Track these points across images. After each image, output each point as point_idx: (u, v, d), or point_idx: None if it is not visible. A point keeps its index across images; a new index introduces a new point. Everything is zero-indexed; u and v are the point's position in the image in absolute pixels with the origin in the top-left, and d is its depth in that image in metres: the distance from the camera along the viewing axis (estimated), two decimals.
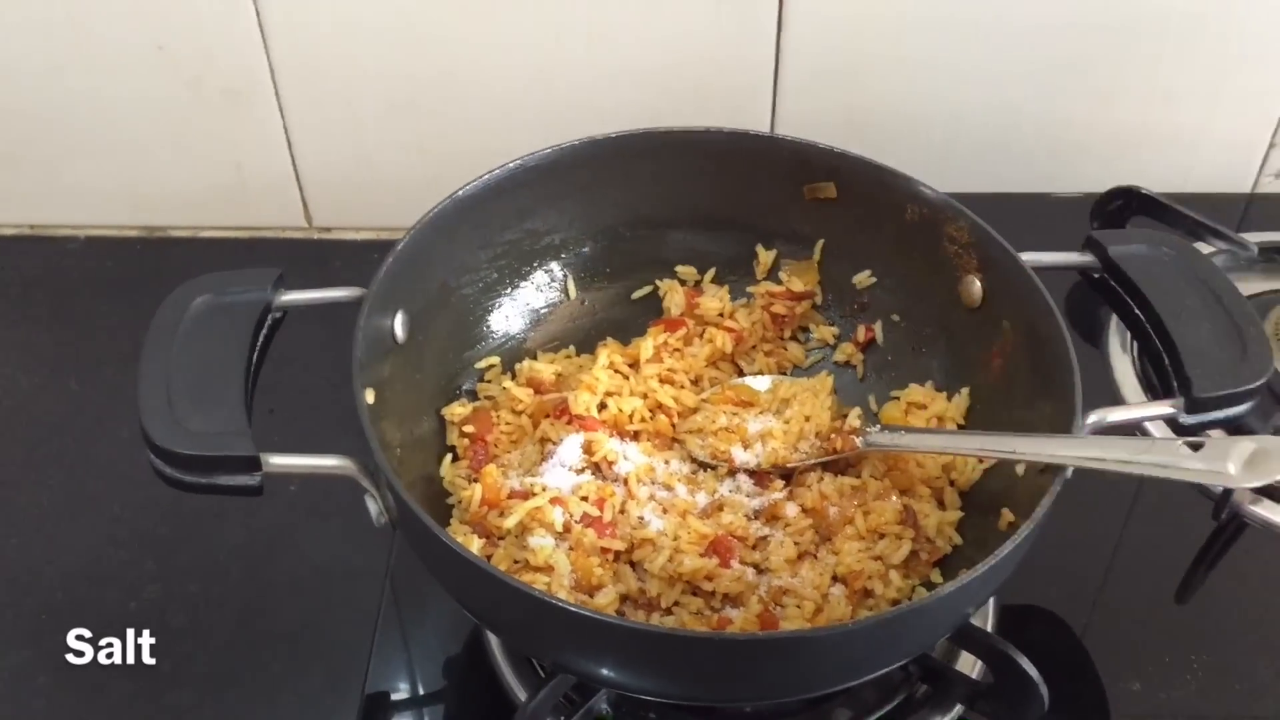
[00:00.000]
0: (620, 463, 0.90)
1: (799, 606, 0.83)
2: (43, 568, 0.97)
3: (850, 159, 0.95)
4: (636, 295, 1.03)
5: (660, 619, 0.83)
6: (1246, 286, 1.12)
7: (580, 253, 1.01)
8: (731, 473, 0.92)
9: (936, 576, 0.87)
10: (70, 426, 1.08)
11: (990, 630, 0.91)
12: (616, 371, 0.96)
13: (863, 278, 1.00)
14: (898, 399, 0.96)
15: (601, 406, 0.93)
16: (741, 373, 1.00)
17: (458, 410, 0.94)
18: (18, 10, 1.13)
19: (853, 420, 0.92)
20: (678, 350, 0.99)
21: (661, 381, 0.96)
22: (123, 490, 1.01)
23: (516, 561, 0.84)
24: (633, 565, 0.86)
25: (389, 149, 1.23)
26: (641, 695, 0.84)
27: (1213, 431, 0.86)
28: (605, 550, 0.84)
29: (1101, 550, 1.00)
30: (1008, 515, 0.84)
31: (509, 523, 0.84)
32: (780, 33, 1.15)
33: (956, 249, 0.92)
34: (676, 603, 0.84)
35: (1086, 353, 1.10)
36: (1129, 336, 1.10)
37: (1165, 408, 0.82)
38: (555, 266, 1.01)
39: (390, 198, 1.13)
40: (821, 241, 1.00)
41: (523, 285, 1.00)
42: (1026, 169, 1.24)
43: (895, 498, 0.89)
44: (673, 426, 0.95)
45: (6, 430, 1.09)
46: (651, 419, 0.94)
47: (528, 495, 0.86)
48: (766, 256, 1.02)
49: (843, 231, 0.99)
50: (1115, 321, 1.11)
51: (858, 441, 0.90)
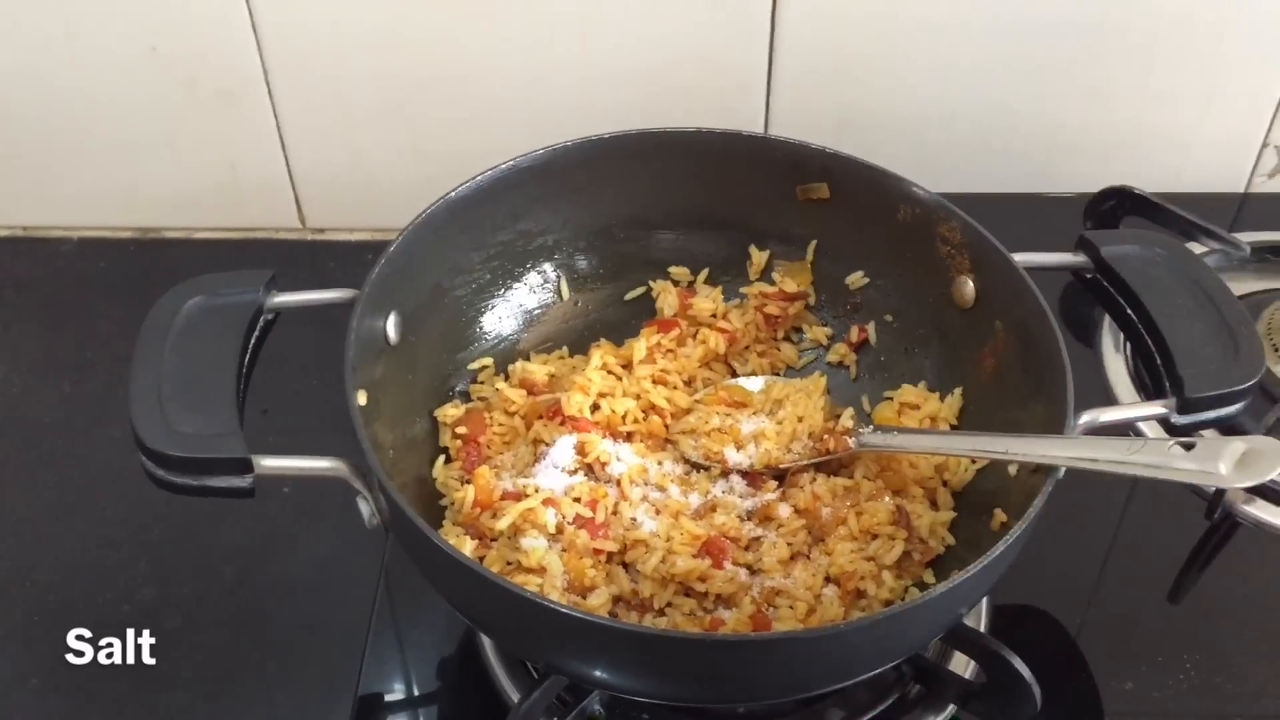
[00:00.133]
0: (613, 464, 0.90)
1: (792, 607, 0.83)
2: (36, 569, 0.97)
3: (843, 159, 0.95)
4: (629, 296, 1.03)
5: (653, 620, 0.83)
6: (1239, 286, 1.12)
7: (573, 254, 1.01)
8: (724, 474, 0.92)
9: (929, 577, 0.87)
10: (64, 428, 1.08)
11: (983, 630, 0.91)
12: (609, 372, 0.96)
13: (856, 278, 1.00)
14: (891, 399, 0.96)
15: (594, 407, 0.93)
16: (735, 373, 1.00)
17: (450, 411, 0.94)
18: (10, 12, 1.13)
19: (845, 421, 0.92)
20: (671, 351, 0.99)
21: (654, 382, 0.96)
22: (116, 492, 1.01)
23: (509, 563, 0.84)
24: (625, 566, 0.86)
25: (383, 150, 1.22)
26: (634, 696, 0.84)
27: (1205, 431, 0.86)
28: (598, 551, 0.84)
29: (1095, 550, 1.00)
30: (1000, 515, 0.84)
31: (501, 524, 0.84)
32: (774, 33, 1.15)
33: (949, 249, 0.92)
34: (669, 604, 0.84)
35: (1080, 353, 1.10)
36: (1122, 337, 1.10)
37: (1157, 408, 0.82)
38: (548, 267, 1.01)
39: (384, 199, 1.14)
40: (814, 242, 1.00)
41: (516, 286, 1.00)
42: (1020, 169, 1.24)
43: (888, 498, 0.89)
44: (666, 427, 0.95)
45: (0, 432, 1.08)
46: (644, 420, 0.94)
47: (520, 496, 0.86)
48: (760, 257, 1.02)
49: (836, 232, 0.99)
50: (1108, 321, 1.11)
51: (850, 442, 0.90)
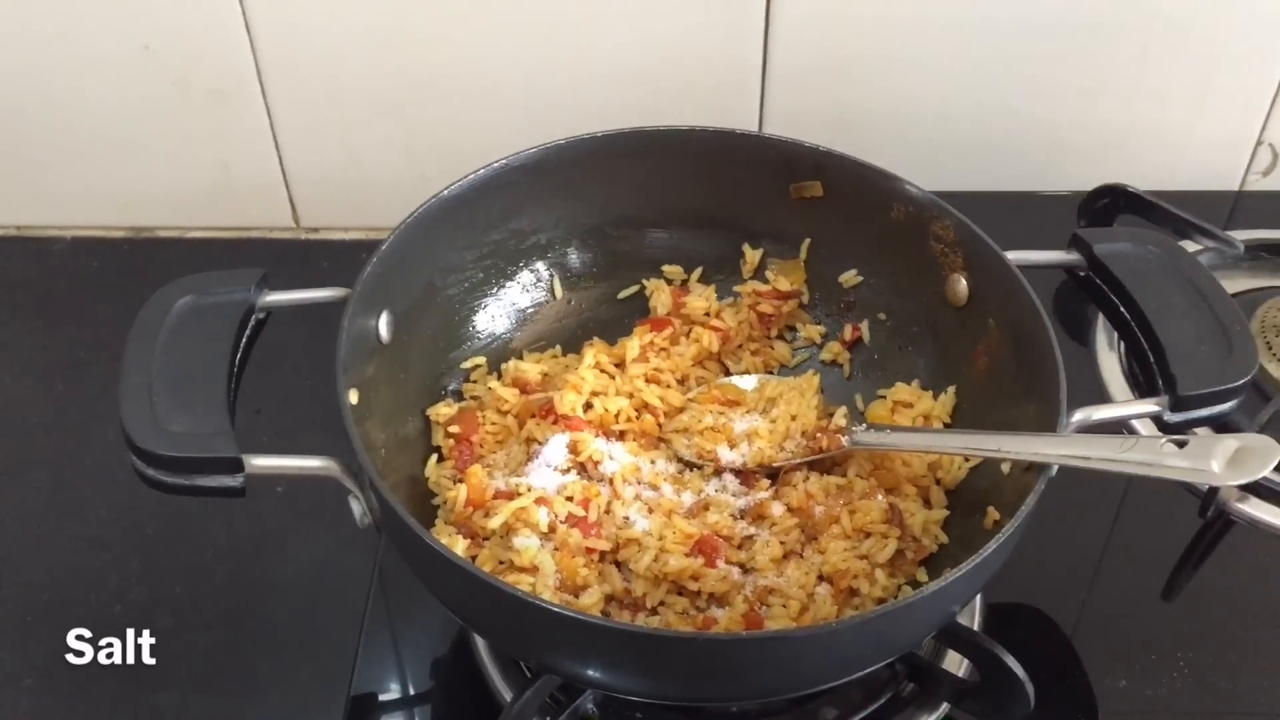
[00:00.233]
0: (606, 462, 0.90)
1: (784, 606, 0.83)
2: (29, 569, 0.97)
3: (836, 157, 0.95)
4: (623, 295, 1.02)
5: (645, 619, 0.83)
6: (1233, 284, 1.12)
7: (566, 252, 1.01)
8: (717, 472, 0.92)
9: (922, 575, 0.87)
10: (56, 427, 1.08)
11: (977, 629, 0.91)
12: (602, 371, 0.96)
13: (849, 276, 1.00)
14: (884, 398, 0.96)
15: (587, 406, 0.93)
16: (728, 372, 1.00)
17: (443, 410, 0.94)
18: (2, 11, 1.12)
19: (838, 419, 0.92)
20: (664, 350, 0.99)
21: (648, 381, 0.96)
22: (109, 491, 1.01)
23: (501, 562, 0.84)
24: (618, 565, 0.86)
25: (376, 149, 1.22)
26: (627, 695, 0.84)
27: (1198, 429, 0.86)
28: (590, 550, 0.84)
29: (1089, 548, 1.00)
30: (993, 514, 0.84)
31: (494, 523, 0.84)
32: (768, 31, 1.15)
33: (942, 247, 0.92)
34: (662, 602, 0.84)
35: (1074, 351, 1.10)
36: (1116, 335, 1.10)
37: (1150, 406, 0.82)
38: (541, 266, 1.00)
39: (378, 198, 1.13)
40: (808, 240, 1.00)
41: (509, 285, 0.99)
42: (1014, 168, 1.24)
43: (881, 497, 0.89)
44: (659, 426, 0.95)
45: None
46: (637, 419, 0.94)
47: (513, 495, 0.86)
48: (753, 255, 1.02)
49: (829, 230, 0.99)
50: (1102, 320, 1.11)
51: (843, 440, 0.90)
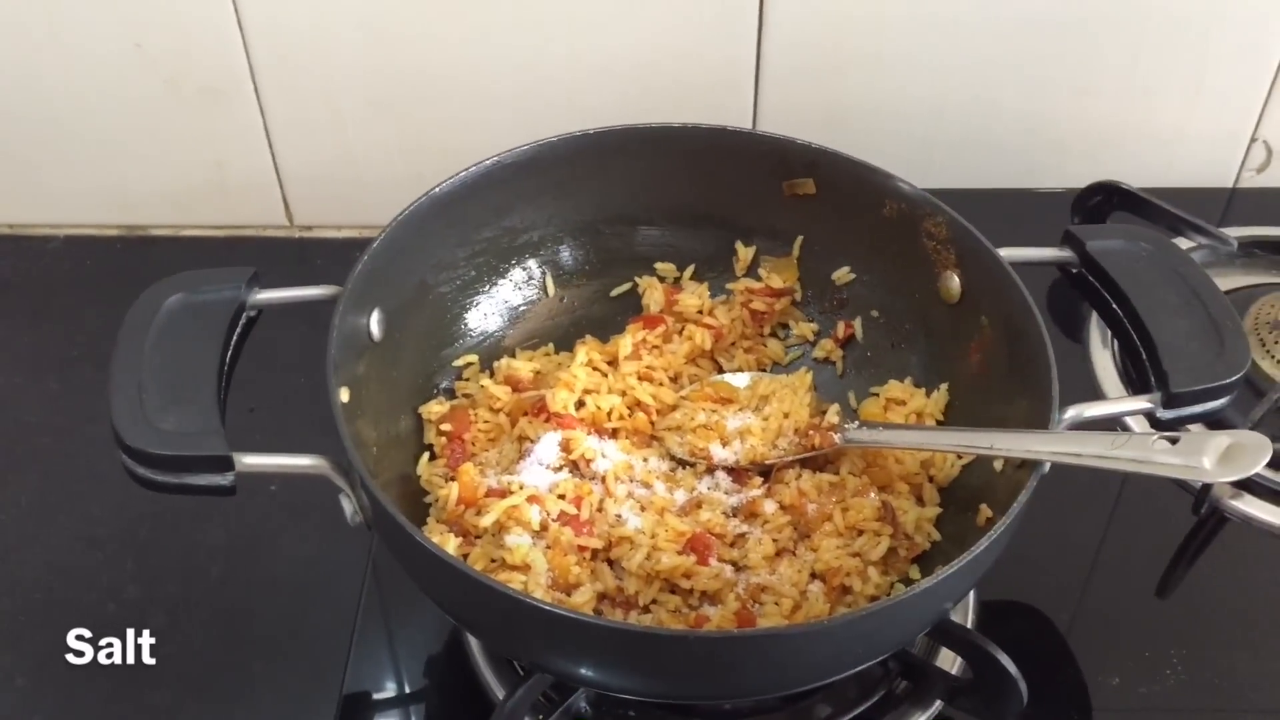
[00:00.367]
0: (598, 460, 0.90)
1: (777, 604, 0.83)
2: (22, 568, 0.97)
3: (829, 155, 0.95)
4: (615, 292, 1.02)
5: (638, 617, 0.83)
6: (1227, 281, 1.12)
7: (559, 250, 1.01)
8: (710, 470, 0.91)
9: (915, 573, 0.86)
10: (49, 426, 1.08)
11: (971, 626, 0.91)
12: (595, 369, 0.96)
13: (842, 274, 0.99)
14: (877, 395, 0.96)
15: (580, 404, 0.93)
16: (721, 370, 1.00)
17: (435, 409, 0.93)
18: None
19: (831, 417, 0.92)
20: (657, 347, 0.99)
21: (640, 379, 0.96)
22: (102, 490, 1.01)
23: (493, 560, 0.84)
24: (610, 563, 0.85)
25: (370, 147, 1.22)
26: (620, 694, 0.84)
27: (1191, 426, 0.86)
28: (582, 548, 0.84)
29: (1083, 545, 1.00)
30: (986, 511, 0.84)
31: (486, 521, 0.84)
32: (761, 29, 1.15)
33: (935, 244, 0.92)
34: (654, 601, 0.84)
35: (1068, 348, 1.10)
36: (1109, 332, 1.09)
37: (1142, 403, 0.82)
38: (533, 264, 1.00)
39: (371, 196, 1.13)
40: (801, 238, 1.00)
41: (501, 283, 0.99)
42: (1008, 165, 1.24)
43: (874, 494, 0.89)
44: (651, 424, 0.94)
45: None
46: (630, 416, 0.94)
47: (505, 494, 0.86)
48: (746, 253, 1.01)
49: (822, 227, 0.99)
50: (1096, 317, 1.11)
51: (836, 438, 0.90)
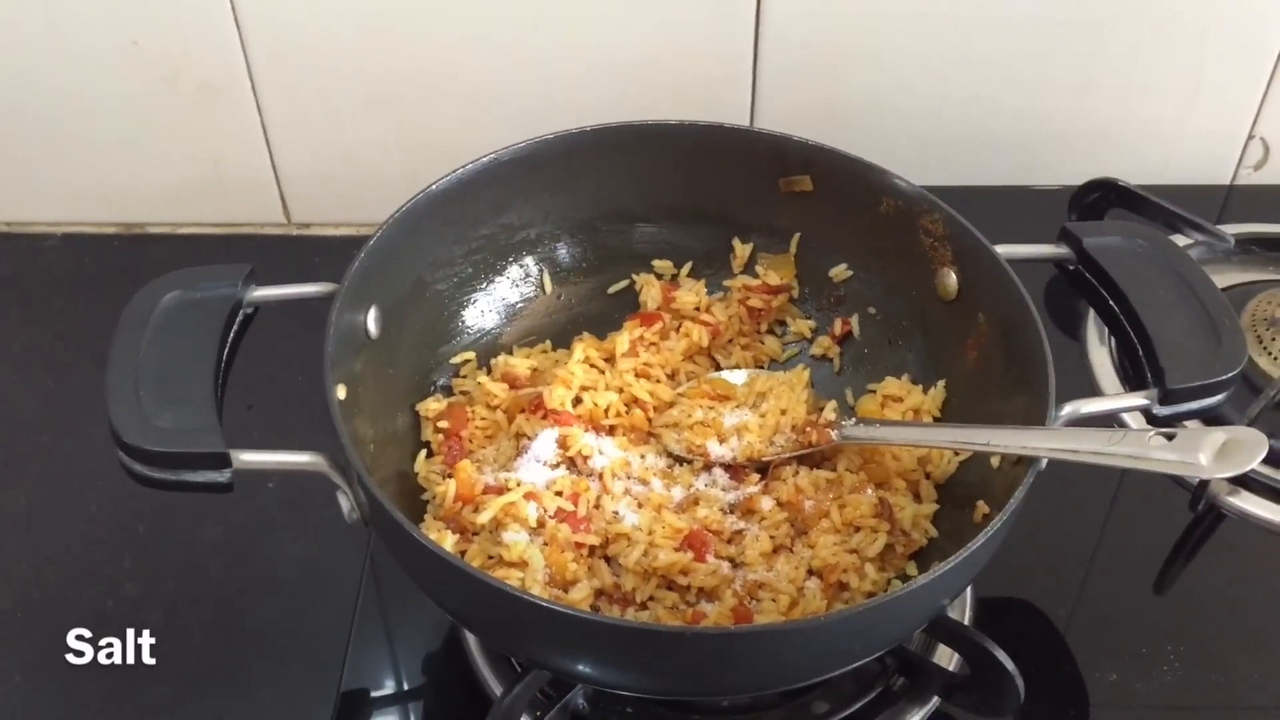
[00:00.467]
0: (595, 457, 0.90)
1: (774, 600, 0.83)
2: (19, 566, 0.97)
3: (826, 152, 0.95)
4: (613, 290, 1.02)
5: (635, 614, 0.83)
6: (1224, 278, 1.12)
7: (556, 247, 1.01)
8: (707, 467, 0.91)
9: (912, 569, 0.86)
10: (47, 424, 1.08)
11: (968, 623, 0.91)
12: (592, 366, 0.96)
13: (839, 271, 0.99)
14: (874, 392, 0.96)
15: (577, 401, 0.93)
16: (718, 367, 1.00)
17: (432, 406, 0.93)
18: None
19: (828, 414, 0.92)
20: (654, 344, 0.99)
21: (637, 376, 0.96)
22: (99, 488, 1.01)
23: (491, 557, 0.84)
24: (607, 560, 0.85)
25: (367, 145, 1.22)
26: (617, 690, 0.84)
27: (1187, 422, 0.86)
28: (580, 545, 0.84)
29: (1080, 542, 1.00)
30: (983, 507, 0.84)
31: (483, 518, 0.84)
32: (759, 26, 1.15)
33: (932, 241, 0.92)
34: (651, 597, 0.84)
35: (1065, 345, 1.10)
36: (1107, 329, 1.09)
37: (1139, 399, 0.82)
38: (530, 261, 1.00)
39: (369, 193, 1.13)
40: (798, 235, 1.00)
41: (498, 280, 0.99)
42: (1006, 162, 1.24)
43: (871, 491, 0.89)
44: (648, 421, 0.95)
45: None
46: (627, 413, 0.94)
47: (502, 490, 0.86)
48: (743, 250, 1.01)
49: (819, 225, 0.99)
50: (1094, 314, 1.11)
51: (833, 435, 0.90)
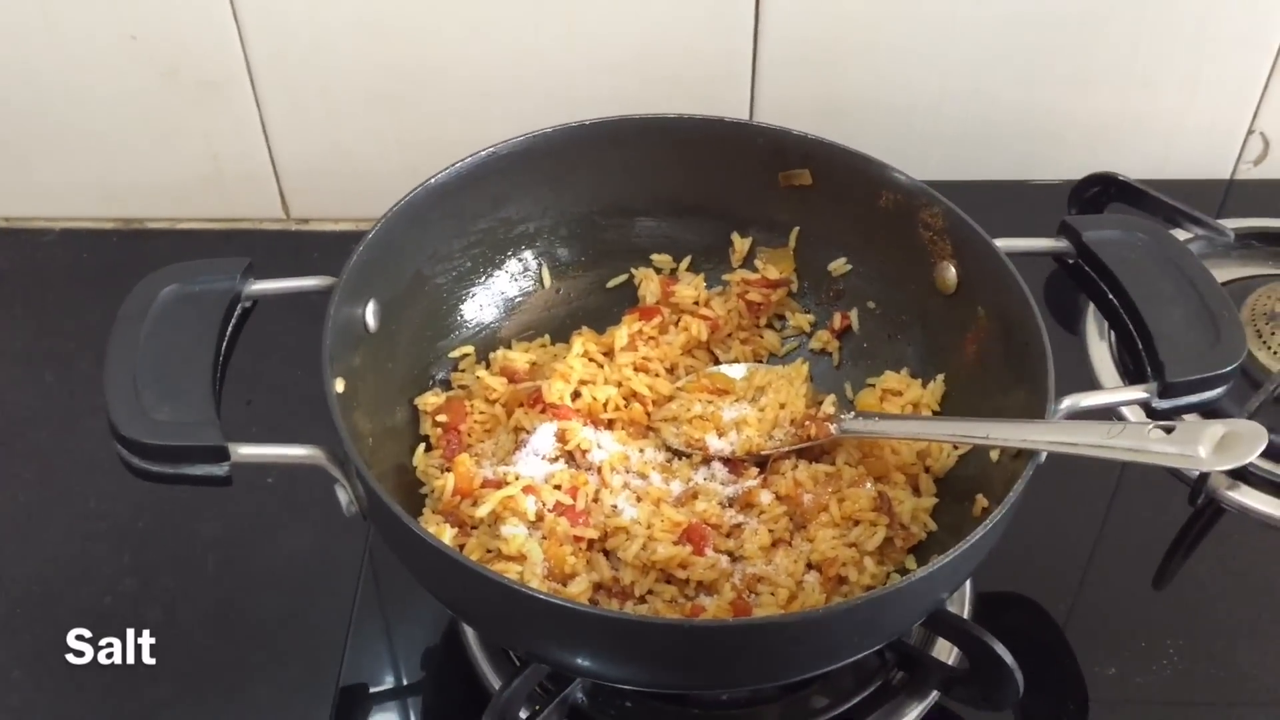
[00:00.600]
0: (594, 451, 0.90)
1: (773, 594, 0.83)
2: (17, 561, 0.97)
3: (824, 145, 0.95)
4: (611, 284, 1.02)
5: (634, 607, 0.83)
6: (1224, 273, 1.12)
7: (554, 241, 1.00)
8: (706, 461, 0.91)
9: (911, 563, 0.86)
10: (45, 420, 1.08)
11: (968, 617, 0.91)
12: (591, 360, 0.96)
13: (838, 265, 0.99)
14: (873, 386, 0.96)
15: (575, 395, 0.93)
16: (717, 361, 1.00)
17: (431, 400, 0.93)
18: None
19: (827, 407, 0.92)
20: (653, 338, 0.99)
21: (636, 370, 0.96)
22: (98, 483, 1.01)
23: (489, 551, 0.84)
24: (606, 554, 0.85)
25: (366, 140, 1.22)
26: (616, 684, 0.84)
27: (1186, 415, 0.86)
28: (578, 539, 0.84)
29: (1080, 537, 1.00)
30: (982, 501, 0.84)
31: (481, 512, 0.84)
32: (758, 21, 1.14)
33: (931, 235, 0.92)
34: (650, 591, 0.84)
35: (1065, 339, 1.10)
36: (1107, 324, 1.09)
37: (1138, 392, 0.82)
38: (529, 255, 1.00)
39: (368, 189, 1.12)
40: (797, 229, 1.00)
41: (497, 274, 0.99)
42: (1006, 157, 1.24)
43: (870, 484, 0.89)
44: (647, 415, 0.94)
45: None
46: (626, 407, 0.94)
47: (500, 484, 0.86)
48: (742, 244, 1.01)
49: (818, 219, 0.98)
50: (1094, 309, 1.11)
51: (832, 428, 0.90)
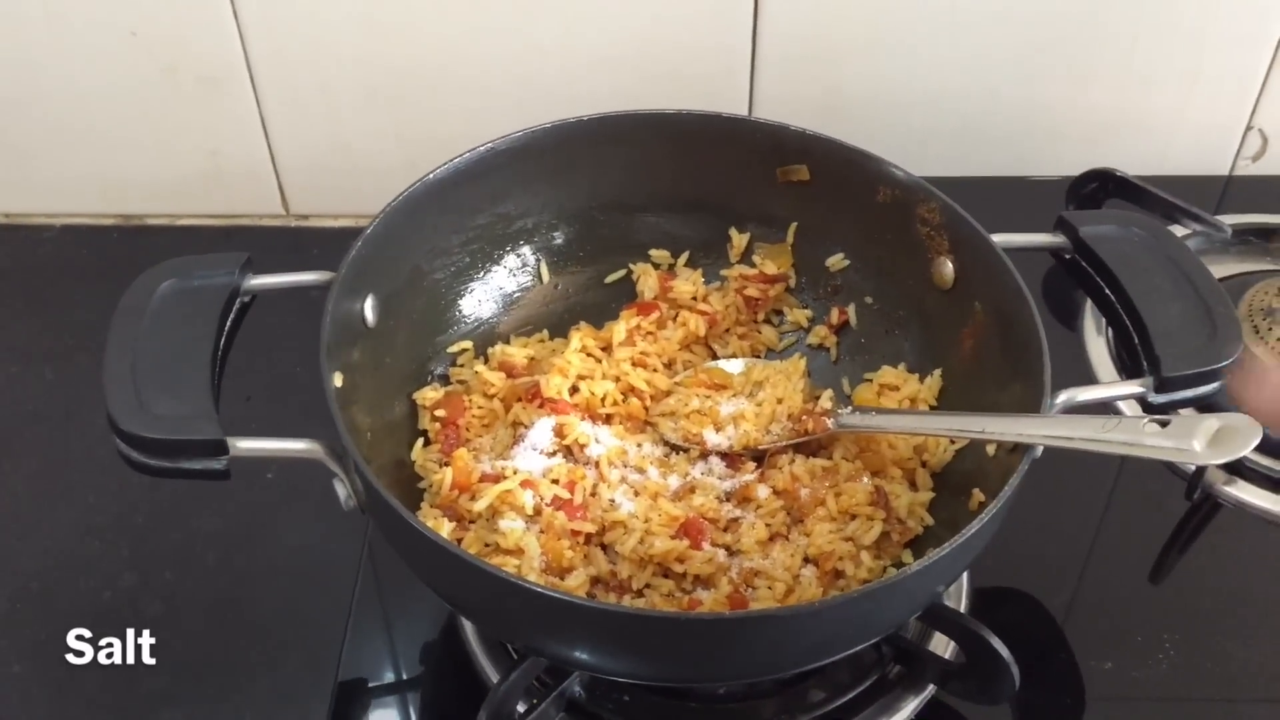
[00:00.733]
0: (592, 446, 0.90)
1: (770, 588, 0.83)
2: (17, 556, 0.97)
3: (822, 141, 0.95)
4: (610, 279, 1.02)
5: (631, 601, 0.83)
6: (1222, 268, 1.12)
7: (553, 236, 1.01)
8: (703, 455, 0.92)
9: (908, 557, 0.87)
10: (45, 415, 1.08)
11: (964, 611, 0.91)
12: (589, 355, 0.96)
13: (836, 260, 0.99)
14: (870, 381, 0.96)
15: (573, 390, 0.93)
16: (715, 356, 1.00)
17: (429, 394, 0.94)
18: None
19: (824, 402, 0.92)
20: (651, 334, 0.99)
21: (634, 365, 0.96)
22: (98, 478, 1.01)
23: (487, 545, 0.84)
24: (604, 548, 0.86)
25: (366, 136, 1.22)
26: (613, 677, 0.84)
27: (1182, 410, 0.86)
28: (576, 533, 0.84)
29: (1077, 531, 1.00)
30: (979, 495, 0.84)
31: (479, 506, 0.84)
32: (757, 17, 1.15)
33: (928, 230, 0.92)
34: (647, 585, 0.84)
35: (1062, 334, 1.10)
36: (1104, 319, 1.10)
37: (1135, 387, 0.82)
38: (527, 250, 1.00)
39: (367, 184, 1.13)
40: (795, 224, 1.00)
41: (495, 269, 0.99)
42: (1004, 153, 1.24)
43: (867, 479, 0.89)
44: (645, 410, 0.95)
45: None
46: (624, 402, 0.94)
47: (498, 479, 0.86)
48: (740, 239, 1.01)
49: (816, 214, 0.99)
50: (1091, 304, 1.11)
51: (829, 423, 0.90)
